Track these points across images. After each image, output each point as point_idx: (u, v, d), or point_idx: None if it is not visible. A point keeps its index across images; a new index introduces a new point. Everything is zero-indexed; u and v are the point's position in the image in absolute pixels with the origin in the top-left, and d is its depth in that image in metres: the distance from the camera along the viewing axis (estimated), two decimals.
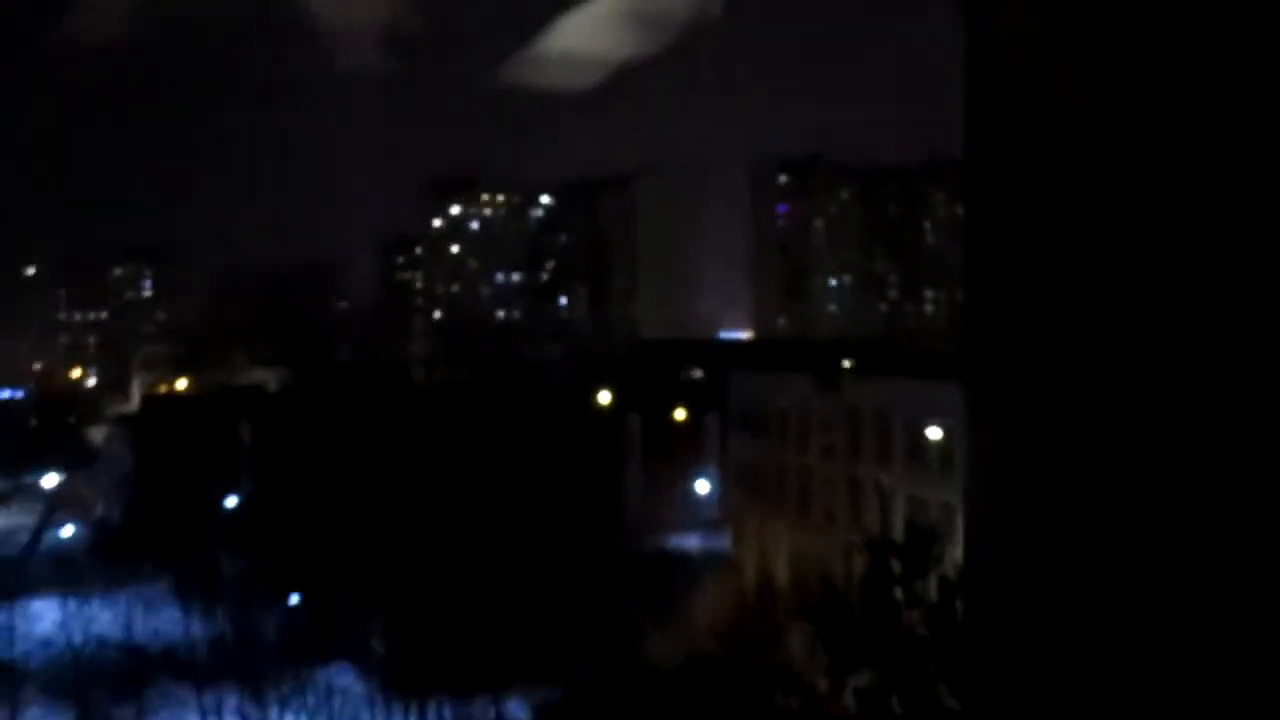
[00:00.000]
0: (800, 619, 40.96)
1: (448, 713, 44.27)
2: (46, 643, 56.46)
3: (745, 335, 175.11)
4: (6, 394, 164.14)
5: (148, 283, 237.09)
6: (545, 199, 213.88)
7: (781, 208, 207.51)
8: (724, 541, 69.69)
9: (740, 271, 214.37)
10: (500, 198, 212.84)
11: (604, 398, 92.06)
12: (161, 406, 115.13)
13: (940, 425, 51.50)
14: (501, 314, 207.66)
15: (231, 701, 48.42)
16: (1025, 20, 4.13)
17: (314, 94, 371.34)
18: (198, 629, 58.76)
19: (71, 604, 61.51)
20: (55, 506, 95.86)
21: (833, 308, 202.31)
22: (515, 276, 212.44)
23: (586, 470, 66.08)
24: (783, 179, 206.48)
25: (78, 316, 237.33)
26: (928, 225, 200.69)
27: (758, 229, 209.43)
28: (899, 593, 27.58)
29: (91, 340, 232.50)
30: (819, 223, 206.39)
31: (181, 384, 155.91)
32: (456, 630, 49.76)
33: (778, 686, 29.95)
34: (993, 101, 4.05)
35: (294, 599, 59.56)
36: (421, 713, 44.71)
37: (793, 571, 57.18)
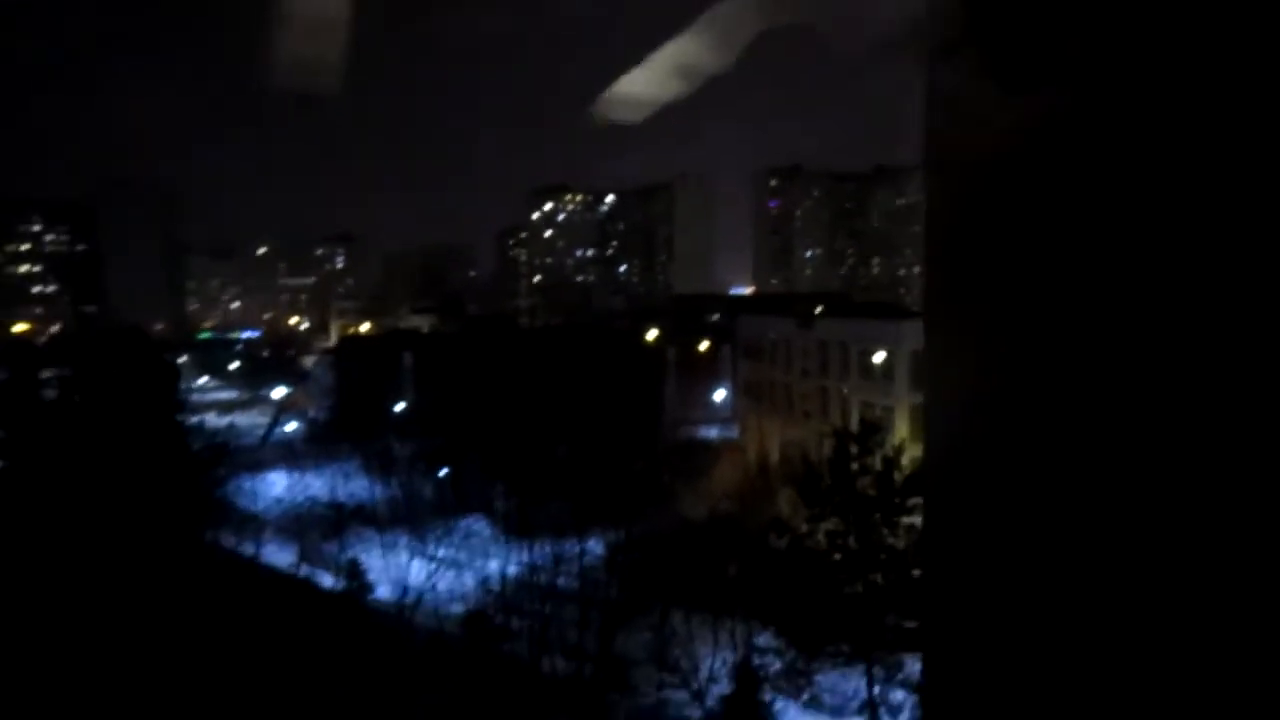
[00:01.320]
0: (787, 485, 40.93)
1: (547, 548, 44.57)
2: (279, 500, 57.31)
3: (748, 291, 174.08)
4: (248, 334, 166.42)
5: (341, 258, 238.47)
6: (610, 198, 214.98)
7: (772, 202, 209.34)
8: (733, 433, 69.63)
9: (744, 246, 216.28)
10: (580, 197, 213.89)
11: (651, 335, 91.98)
12: (351, 342, 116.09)
13: (882, 351, 51.17)
14: (580, 279, 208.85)
15: (402, 540, 49.10)
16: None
17: (455, 117, 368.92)
18: (379, 492, 59.48)
19: (294, 475, 62.38)
20: (281, 409, 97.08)
21: (808, 272, 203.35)
22: (589, 252, 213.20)
23: (638, 384, 66.10)
24: (773, 182, 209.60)
25: (294, 281, 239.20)
26: (874, 214, 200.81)
27: (755, 217, 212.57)
28: (855, 465, 27.52)
29: (303, 298, 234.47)
30: (798, 212, 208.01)
31: (365, 327, 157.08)
32: (553, 493, 50.09)
33: (772, 530, 29.99)
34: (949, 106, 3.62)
35: (443, 472, 60.19)
36: (529, 548, 45.11)
37: (781, 453, 57.11)
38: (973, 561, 1.37)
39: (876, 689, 25.00)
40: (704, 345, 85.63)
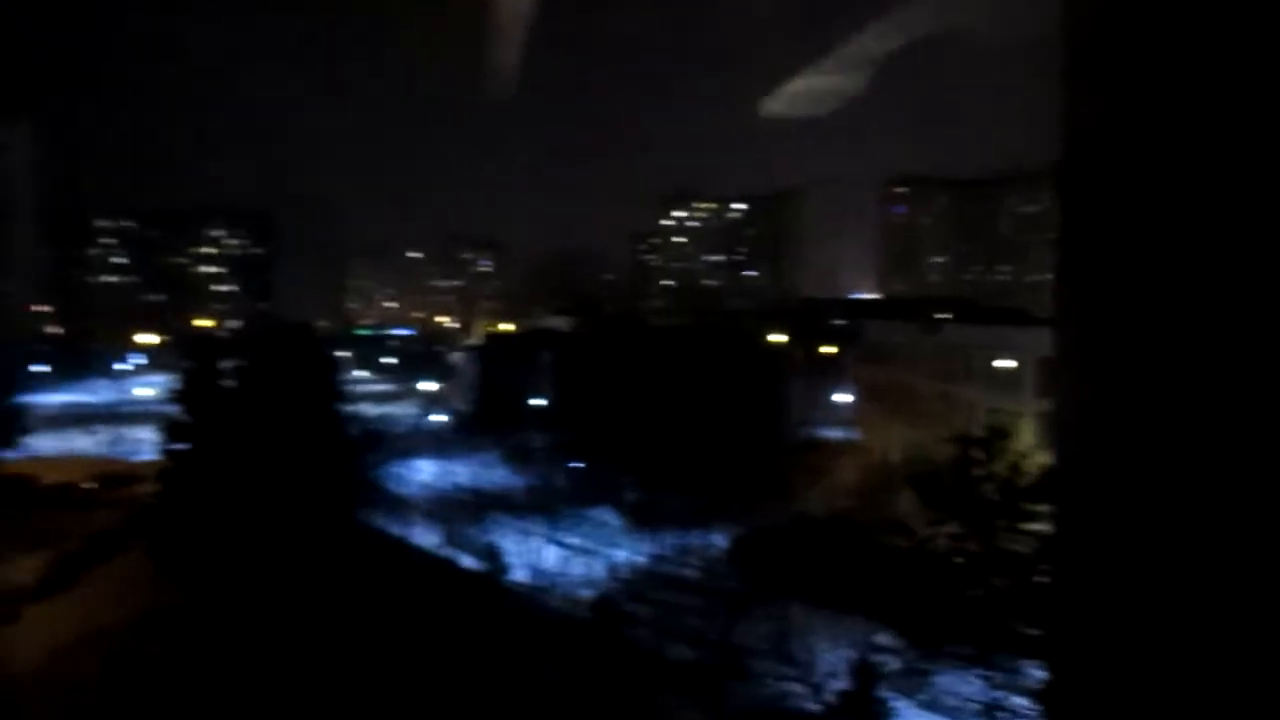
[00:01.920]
0: (908, 487, 39.88)
1: (672, 539, 44.66)
2: (426, 486, 59.24)
3: (872, 295, 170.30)
4: (401, 331, 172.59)
5: (487, 262, 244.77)
6: (738, 205, 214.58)
7: (898, 208, 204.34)
8: (855, 434, 68.29)
9: (869, 252, 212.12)
10: (709, 204, 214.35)
11: (777, 337, 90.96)
12: (494, 340, 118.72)
13: (1007, 356, 49.26)
14: (708, 282, 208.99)
15: (538, 527, 49.97)
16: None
17: (593, 125, 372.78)
18: (517, 481, 60.75)
19: (440, 463, 64.37)
20: (430, 401, 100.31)
21: (934, 277, 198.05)
22: (718, 257, 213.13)
23: (763, 384, 65.42)
24: (899, 188, 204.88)
25: (444, 283, 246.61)
26: (1002, 221, 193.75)
27: (881, 223, 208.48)
28: (978, 471, 26.55)
29: (451, 299, 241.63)
30: (925, 219, 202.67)
31: (507, 326, 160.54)
32: (679, 487, 50.11)
33: (893, 531, 29.23)
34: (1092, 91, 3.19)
35: (576, 464, 60.99)
36: (655, 539, 45.31)
37: (902, 455, 55.67)
38: (1106, 571, 1.34)
39: (996, 694, 24.08)
40: (828, 348, 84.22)
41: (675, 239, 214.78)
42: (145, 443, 70.19)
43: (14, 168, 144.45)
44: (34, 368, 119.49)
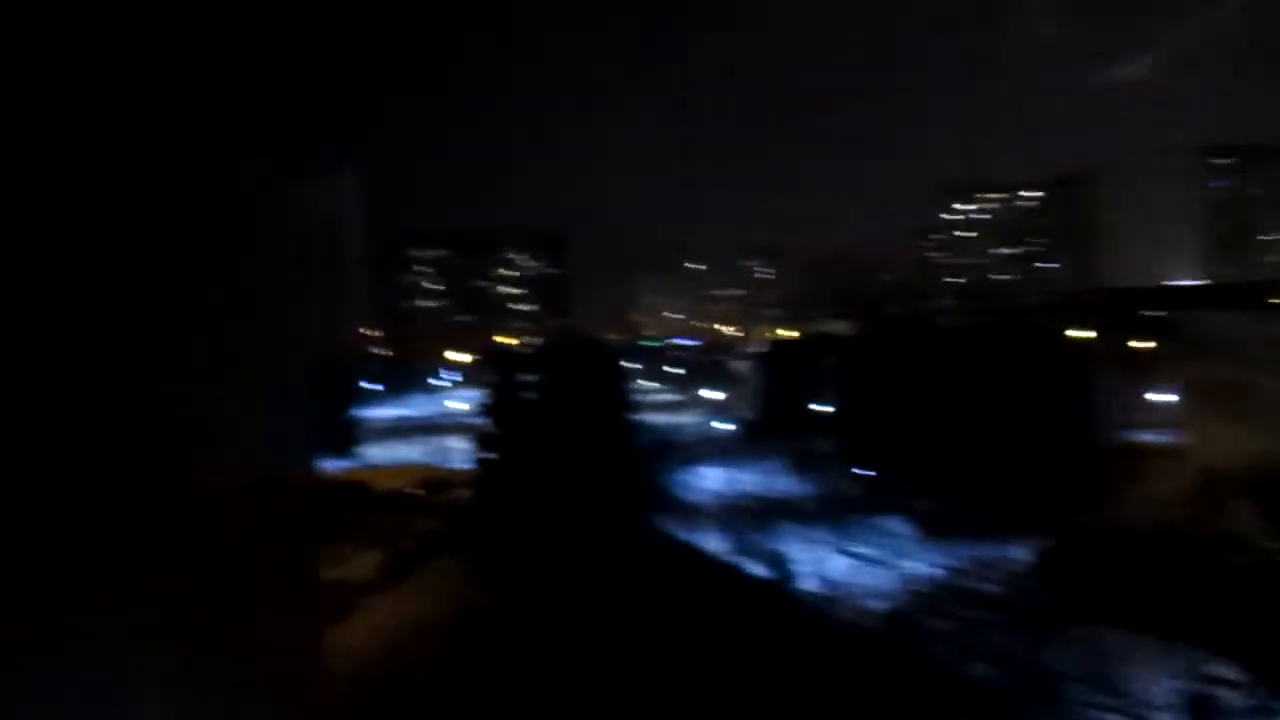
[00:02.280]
0: (1246, 498, 35.47)
1: (969, 550, 42.43)
2: (712, 493, 60.23)
3: (1192, 282, 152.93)
4: (688, 341, 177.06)
5: (766, 269, 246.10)
6: (1029, 192, 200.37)
7: (1221, 181, 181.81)
8: (1177, 438, 61.56)
9: (1183, 234, 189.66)
10: (996, 193, 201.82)
11: (1080, 332, 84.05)
12: (776, 347, 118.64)
13: None
14: (999, 276, 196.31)
15: (824, 535, 49.34)
16: None
17: (872, 123, 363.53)
18: (803, 488, 60.34)
19: (726, 470, 65.21)
20: (715, 410, 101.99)
21: (1270, 257, 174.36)
22: (1009, 249, 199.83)
23: (1066, 384, 60.62)
24: (1222, 160, 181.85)
25: (725, 293, 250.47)
26: None
27: (1205, 200, 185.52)
28: None
29: (734, 307, 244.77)
30: (1254, 191, 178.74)
31: (788, 333, 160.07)
32: (976, 495, 47.69)
33: (1230, 547, 26.09)
34: None
35: (864, 471, 59.64)
36: (951, 550, 43.27)
37: (1238, 462, 49.47)
38: None
39: None
40: (1143, 342, 76.63)
41: (960, 233, 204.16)
42: (460, 452, 76.78)
43: (346, 205, 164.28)
44: (364, 385, 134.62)
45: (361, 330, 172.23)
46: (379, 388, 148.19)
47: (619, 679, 26.58)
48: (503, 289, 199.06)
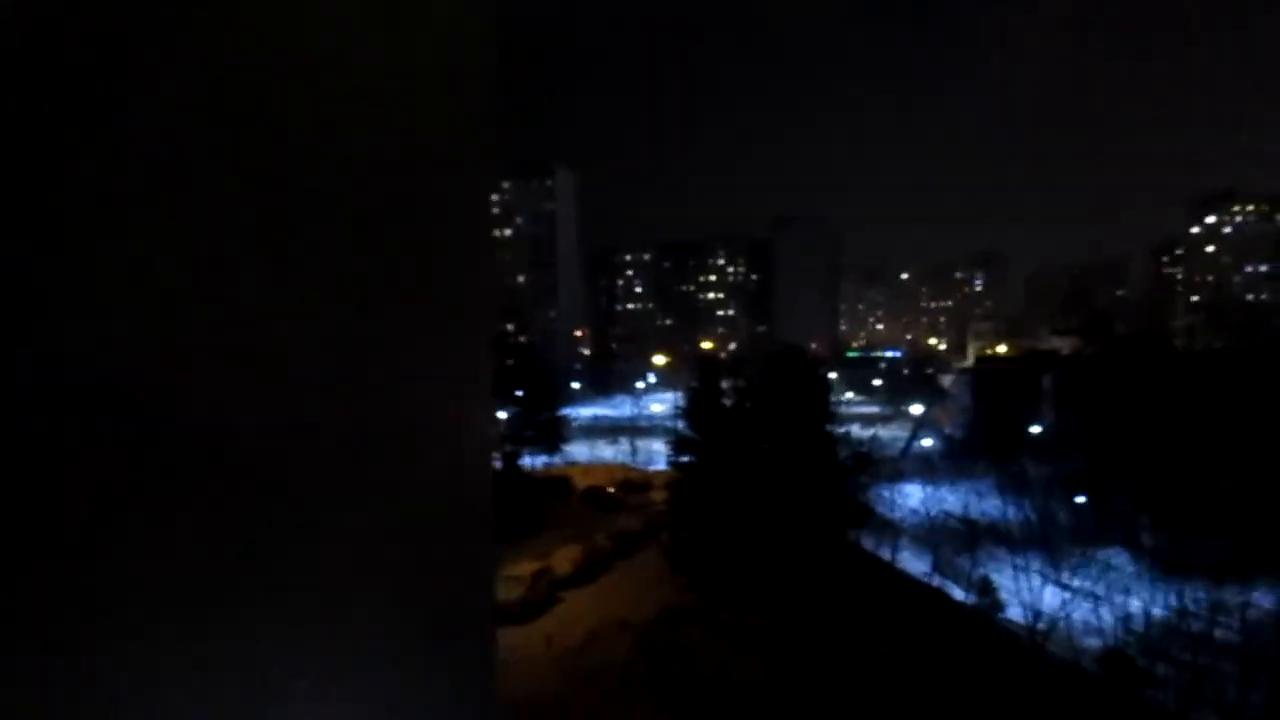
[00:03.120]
0: None
1: (1202, 591, 39.05)
2: (914, 511, 58.52)
3: None
4: (891, 352, 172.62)
5: (980, 280, 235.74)
6: None
7: None
8: None
9: None
10: (1253, 205, 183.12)
11: None
12: (988, 363, 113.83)
13: None
14: (1251, 297, 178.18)
15: (1035, 563, 46.96)
16: None
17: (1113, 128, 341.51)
18: (1012, 512, 57.57)
19: (929, 488, 63.16)
20: (919, 425, 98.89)
21: None
22: (1264, 267, 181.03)
23: None
24: None
25: (933, 304, 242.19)
26: None
27: None
28: None
29: (942, 319, 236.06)
30: None
31: (1001, 348, 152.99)
32: (1212, 529, 43.93)
33: None
34: None
35: (1081, 498, 56.28)
36: (1180, 589, 39.99)
37: None
38: None
39: None
40: None
41: (1208, 248, 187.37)
42: (658, 454, 78.27)
43: (559, 210, 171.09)
44: (572, 384, 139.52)
45: (573, 331, 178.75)
46: (582, 386, 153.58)
47: (811, 690, 26.41)
48: (706, 295, 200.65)
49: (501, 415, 61.39)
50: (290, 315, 3.22)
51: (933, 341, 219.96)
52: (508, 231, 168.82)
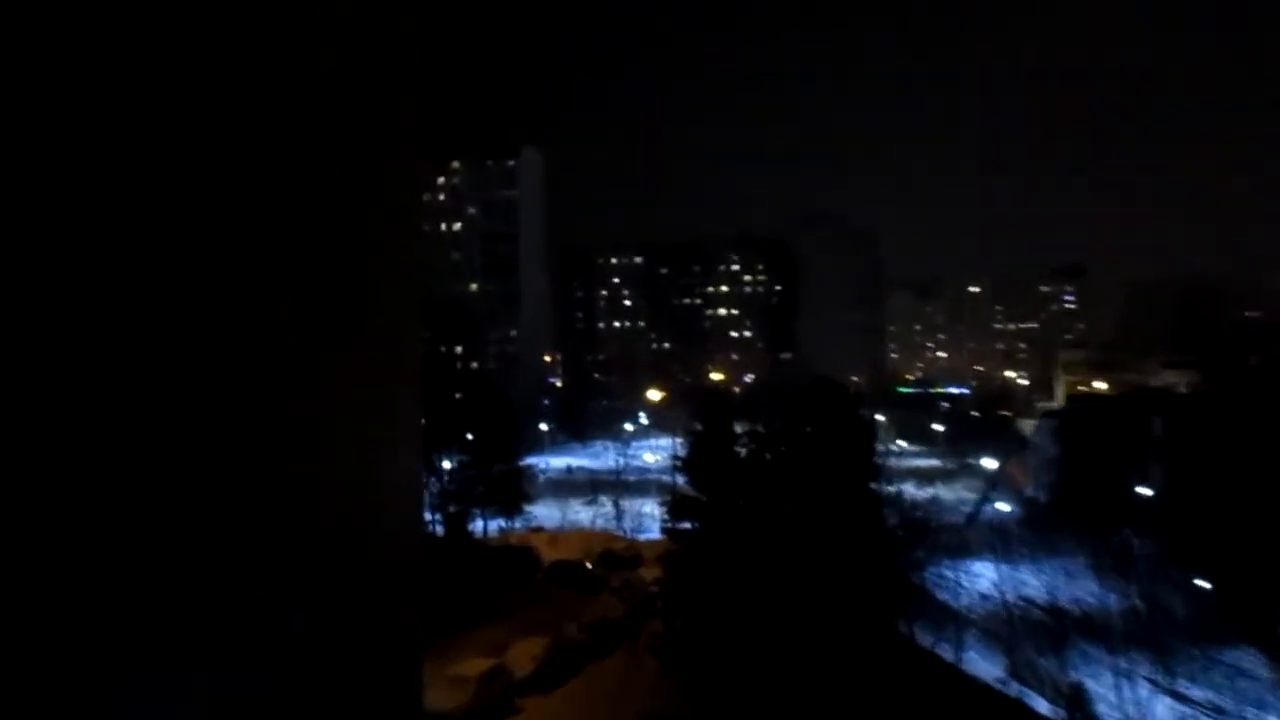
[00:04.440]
0: None
1: None
2: (984, 597, 58.30)
3: None
4: (955, 389, 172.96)
5: (1069, 296, 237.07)
6: None
7: None
8: None
9: None
10: None
11: None
12: (1082, 403, 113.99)
13: None
14: None
15: (1142, 666, 46.68)
16: None
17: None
18: (1112, 599, 57.40)
19: (1004, 567, 62.99)
20: (992, 484, 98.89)
21: None
22: None
23: None
24: None
25: (1011, 326, 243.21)
26: None
27: None
28: None
29: (1021, 346, 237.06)
30: None
31: (1099, 384, 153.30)
32: None
33: None
34: None
35: (1202, 581, 56.07)
36: None
37: None
38: None
39: None
40: None
41: None
42: (650, 518, 77.74)
43: (523, 200, 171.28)
44: (539, 425, 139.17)
45: (540, 356, 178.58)
46: (552, 427, 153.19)
47: None
48: (712, 311, 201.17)
49: (444, 465, 61.09)
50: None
51: (1009, 375, 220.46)
52: (456, 225, 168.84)
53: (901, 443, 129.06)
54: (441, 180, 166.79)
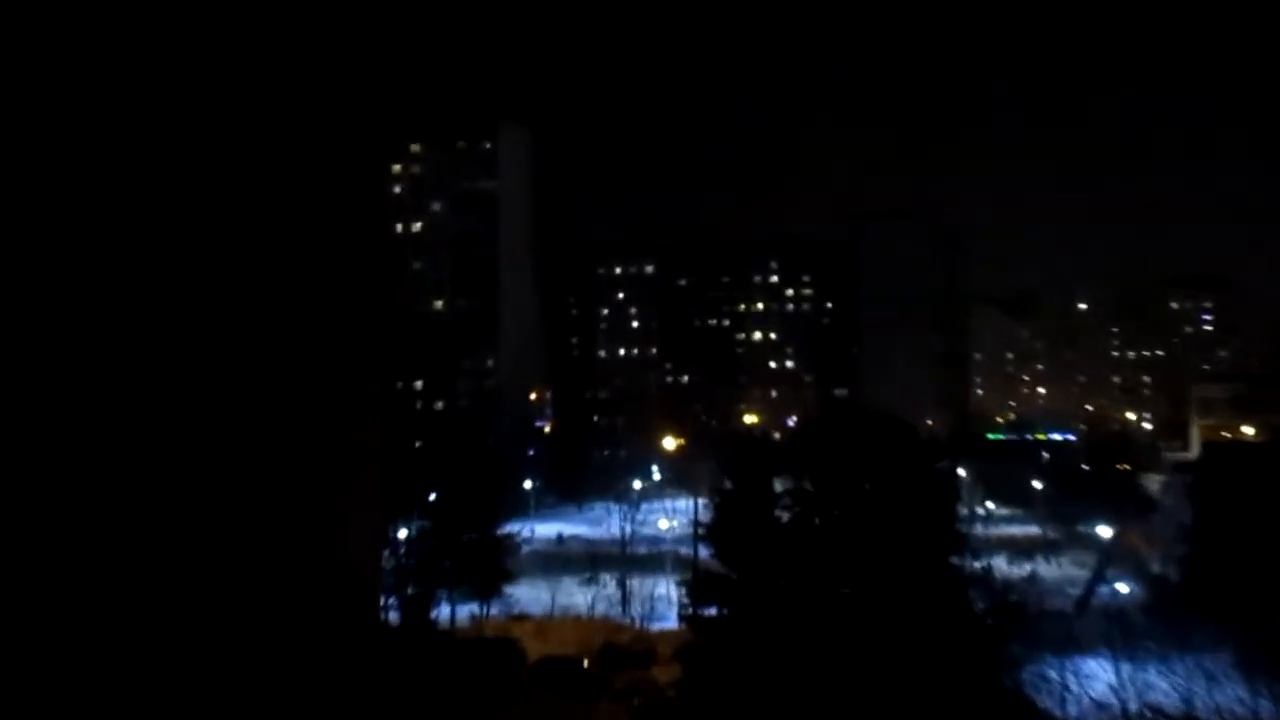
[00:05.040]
0: None
1: None
2: (1099, 705, 57.82)
3: None
4: (1057, 437, 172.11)
5: (1206, 316, 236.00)
6: None
7: None
8: None
9: None
10: None
11: None
12: (1224, 454, 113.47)
13: None
14: None
15: None
16: None
17: None
18: (1264, 708, 56.93)
19: (1125, 666, 62.54)
20: (1108, 558, 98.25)
21: None
22: None
23: None
24: None
25: (1130, 354, 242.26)
26: None
27: None
28: None
29: (1145, 379, 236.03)
30: None
31: (1245, 429, 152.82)
32: None
33: None
34: None
35: None
36: None
37: None
38: None
39: None
40: None
41: None
42: (666, 602, 77.48)
43: (504, 192, 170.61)
44: (523, 482, 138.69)
45: (526, 393, 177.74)
46: (539, 484, 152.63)
47: None
48: (745, 334, 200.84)
49: (400, 534, 60.98)
50: None
51: (1129, 416, 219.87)
52: (417, 225, 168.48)
53: (991, 505, 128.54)
54: (398, 168, 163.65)
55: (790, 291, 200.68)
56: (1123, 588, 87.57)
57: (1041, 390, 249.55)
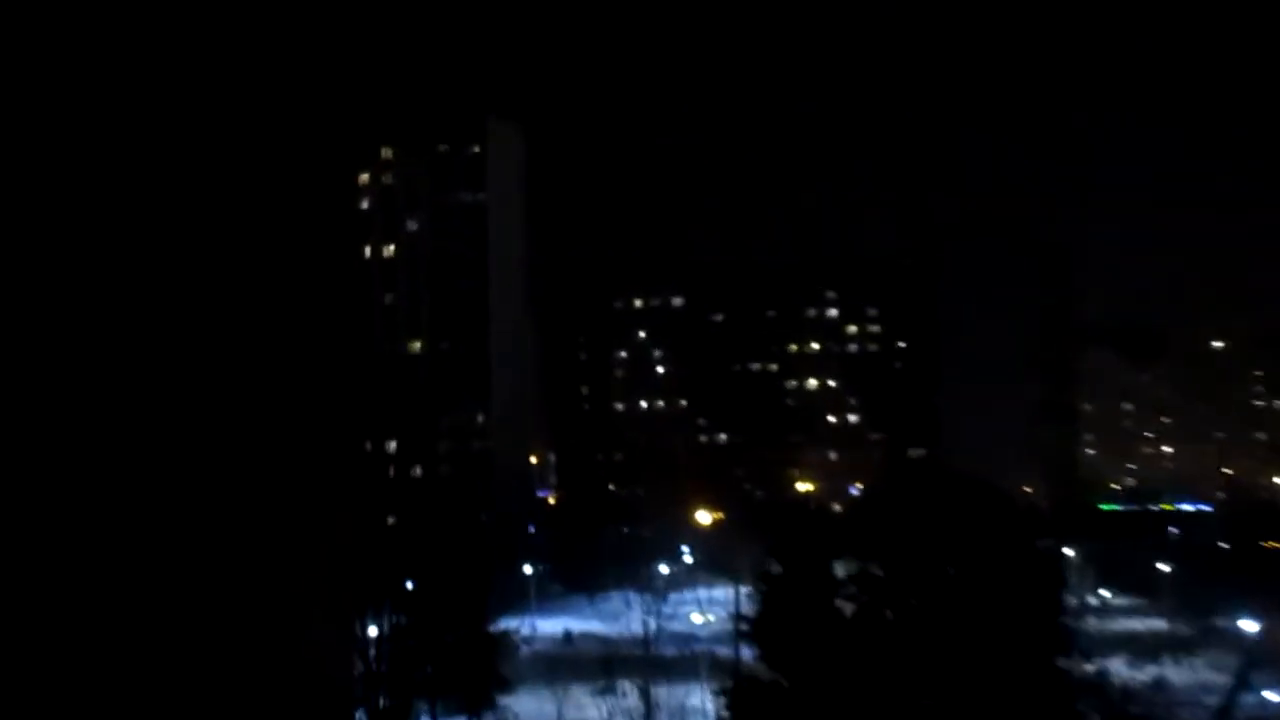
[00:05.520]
0: None
1: None
2: None
3: None
4: (1189, 507, 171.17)
5: None
6: None
7: None
8: None
9: None
10: None
11: None
12: None
13: None
14: None
15: None
16: None
17: None
18: None
19: None
20: (1254, 660, 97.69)
21: None
22: None
23: None
24: None
25: (1276, 404, 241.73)
26: None
27: None
28: None
29: None
30: None
31: None
32: None
33: None
34: None
35: None
36: None
37: None
38: None
39: None
40: None
41: None
42: (698, 715, 77.36)
43: (495, 206, 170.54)
44: (522, 566, 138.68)
45: (525, 456, 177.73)
46: (543, 568, 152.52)
47: None
48: (797, 381, 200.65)
49: (370, 632, 61.04)
50: None
51: (1278, 482, 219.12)
52: (388, 249, 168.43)
53: (1106, 593, 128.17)
54: (365, 178, 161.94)
55: (852, 328, 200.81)
56: (1273, 696, 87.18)
57: (1168, 449, 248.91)
